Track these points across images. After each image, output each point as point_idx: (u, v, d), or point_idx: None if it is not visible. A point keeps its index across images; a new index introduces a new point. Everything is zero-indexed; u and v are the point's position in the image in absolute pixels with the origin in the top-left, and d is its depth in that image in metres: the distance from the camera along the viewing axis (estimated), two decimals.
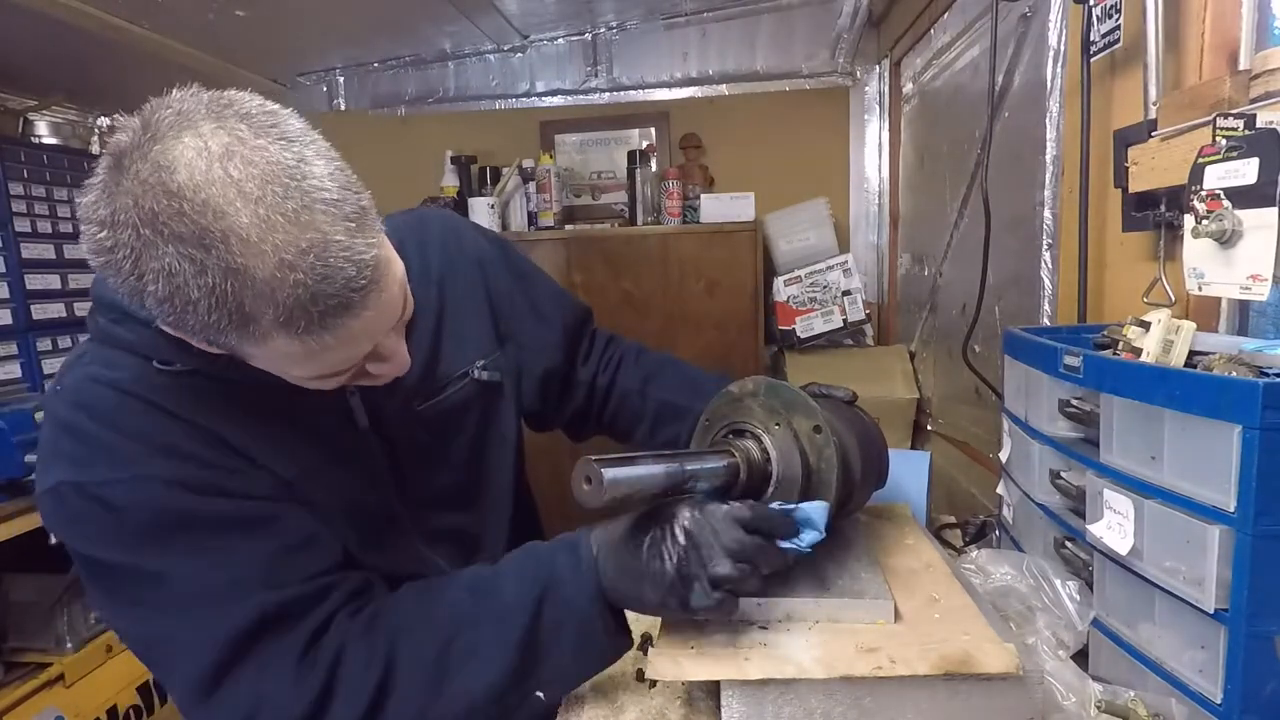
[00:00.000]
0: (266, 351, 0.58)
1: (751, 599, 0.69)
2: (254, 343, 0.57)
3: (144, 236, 0.52)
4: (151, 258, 0.52)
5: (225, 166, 0.53)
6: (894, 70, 2.29)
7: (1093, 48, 1.00)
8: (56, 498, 0.65)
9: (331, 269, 0.55)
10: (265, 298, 0.53)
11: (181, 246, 0.52)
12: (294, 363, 0.61)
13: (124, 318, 0.69)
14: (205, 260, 0.52)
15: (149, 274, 0.53)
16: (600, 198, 2.61)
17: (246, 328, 0.55)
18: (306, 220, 0.54)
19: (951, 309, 1.82)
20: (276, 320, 0.55)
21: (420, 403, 0.82)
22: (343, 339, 0.59)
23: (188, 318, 0.54)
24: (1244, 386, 0.53)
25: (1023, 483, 0.87)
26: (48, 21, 1.76)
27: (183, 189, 0.52)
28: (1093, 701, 0.65)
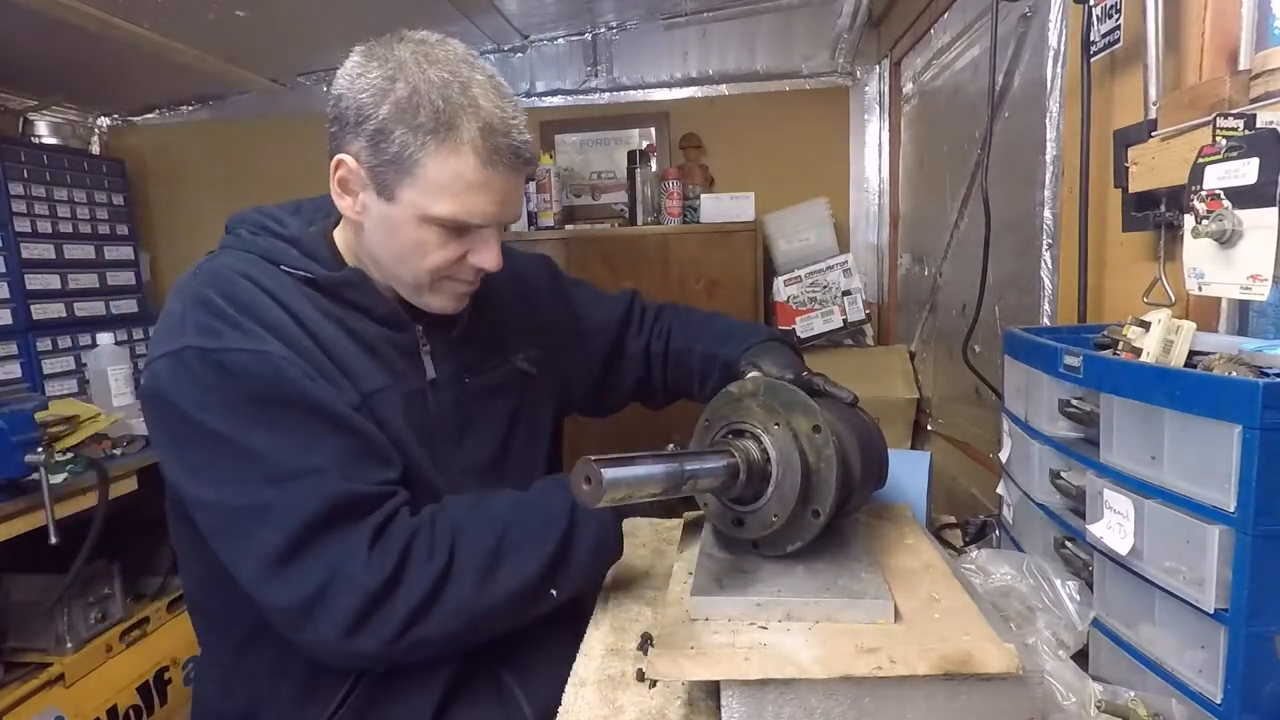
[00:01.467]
0: (448, 167, 0.76)
1: (751, 599, 0.69)
2: (447, 152, 0.76)
3: (413, 62, 0.76)
4: (409, 75, 0.76)
5: (477, 60, 0.81)
6: (894, 70, 2.29)
7: (1093, 48, 1.00)
8: (178, 360, 0.75)
9: (519, 129, 0.79)
10: (478, 116, 0.76)
11: (442, 69, 0.76)
12: (459, 186, 0.77)
13: (262, 231, 0.86)
14: (452, 80, 0.76)
15: (400, 84, 0.75)
16: (600, 198, 2.61)
17: (451, 134, 0.75)
18: (511, 101, 0.80)
19: (951, 309, 1.82)
20: (478, 133, 0.76)
21: (470, 375, 0.94)
22: (499, 185, 0.79)
23: (414, 116, 0.75)
24: (1244, 386, 0.53)
25: (1023, 483, 0.87)
26: (48, 21, 1.76)
27: (452, 50, 0.79)
28: (1093, 701, 0.65)
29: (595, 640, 0.84)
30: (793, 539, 0.74)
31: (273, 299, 0.81)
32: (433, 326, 0.91)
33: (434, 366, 0.90)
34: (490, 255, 0.84)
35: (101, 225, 2.42)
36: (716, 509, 0.78)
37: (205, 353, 0.74)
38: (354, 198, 0.82)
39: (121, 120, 2.74)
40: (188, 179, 2.76)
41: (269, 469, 0.73)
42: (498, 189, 0.79)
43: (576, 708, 0.72)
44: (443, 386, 0.91)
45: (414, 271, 0.84)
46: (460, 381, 0.93)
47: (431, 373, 0.90)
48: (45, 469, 1.44)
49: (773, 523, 0.73)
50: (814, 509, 0.73)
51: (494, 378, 0.97)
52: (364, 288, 0.86)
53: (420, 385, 0.89)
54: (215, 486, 0.75)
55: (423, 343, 0.90)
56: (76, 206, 2.33)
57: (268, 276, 0.82)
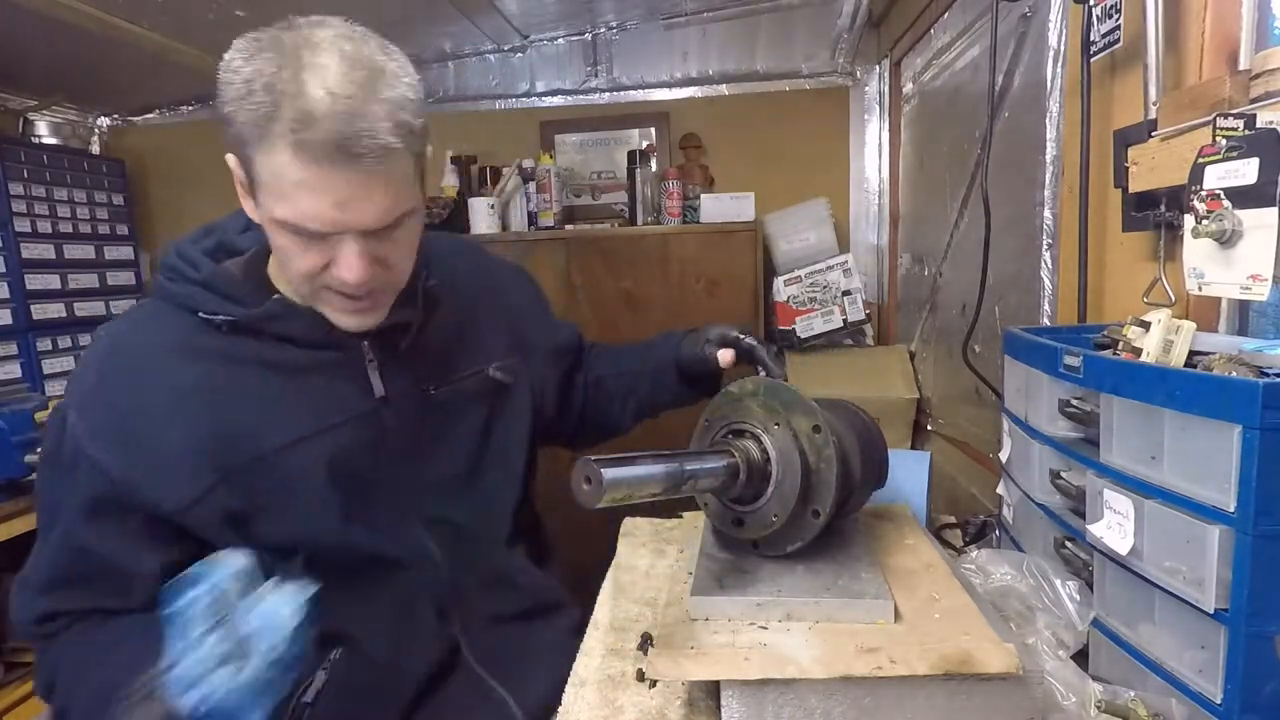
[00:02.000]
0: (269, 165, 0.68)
1: (751, 599, 0.69)
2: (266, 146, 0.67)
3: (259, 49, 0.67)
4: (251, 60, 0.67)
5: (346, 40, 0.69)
6: (894, 70, 2.29)
7: (1093, 48, 1.00)
8: (56, 413, 0.79)
9: (359, 113, 0.66)
10: (297, 105, 0.65)
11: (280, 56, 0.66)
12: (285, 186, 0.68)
13: (176, 277, 0.81)
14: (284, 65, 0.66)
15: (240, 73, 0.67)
16: (600, 198, 2.61)
17: (269, 126, 0.66)
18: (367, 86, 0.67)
19: (951, 309, 1.82)
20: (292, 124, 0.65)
21: (435, 386, 0.89)
22: (331, 184, 0.67)
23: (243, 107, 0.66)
24: (1244, 386, 0.53)
25: (1023, 483, 0.87)
26: (48, 21, 1.76)
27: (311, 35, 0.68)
28: (1093, 701, 0.65)
29: (595, 640, 0.84)
30: (793, 539, 0.74)
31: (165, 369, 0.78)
32: (380, 340, 0.84)
33: (383, 383, 0.84)
34: (347, 267, 0.71)
35: (101, 225, 2.42)
36: (716, 509, 0.78)
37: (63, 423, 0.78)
38: (251, 199, 0.74)
39: (121, 120, 2.74)
40: (188, 179, 2.75)
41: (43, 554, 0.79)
42: (329, 189, 0.67)
43: (576, 708, 0.72)
44: (399, 401, 0.86)
45: (293, 281, 0.77)
46: (423, 393, 0.88)
47: (380, 390, 0.84)
48: None
49: (773, 523, 0.73)
50: (814, 509, 0.73)
51: (465, 387, 0.92)
52: (288, 316, 0.80)
53: (366, 406, 0.84)
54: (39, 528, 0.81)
55: (369, 357, 0.84)
56: (76, 206, 2.33)
57: (181, 329, 0.79)
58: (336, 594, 0.83)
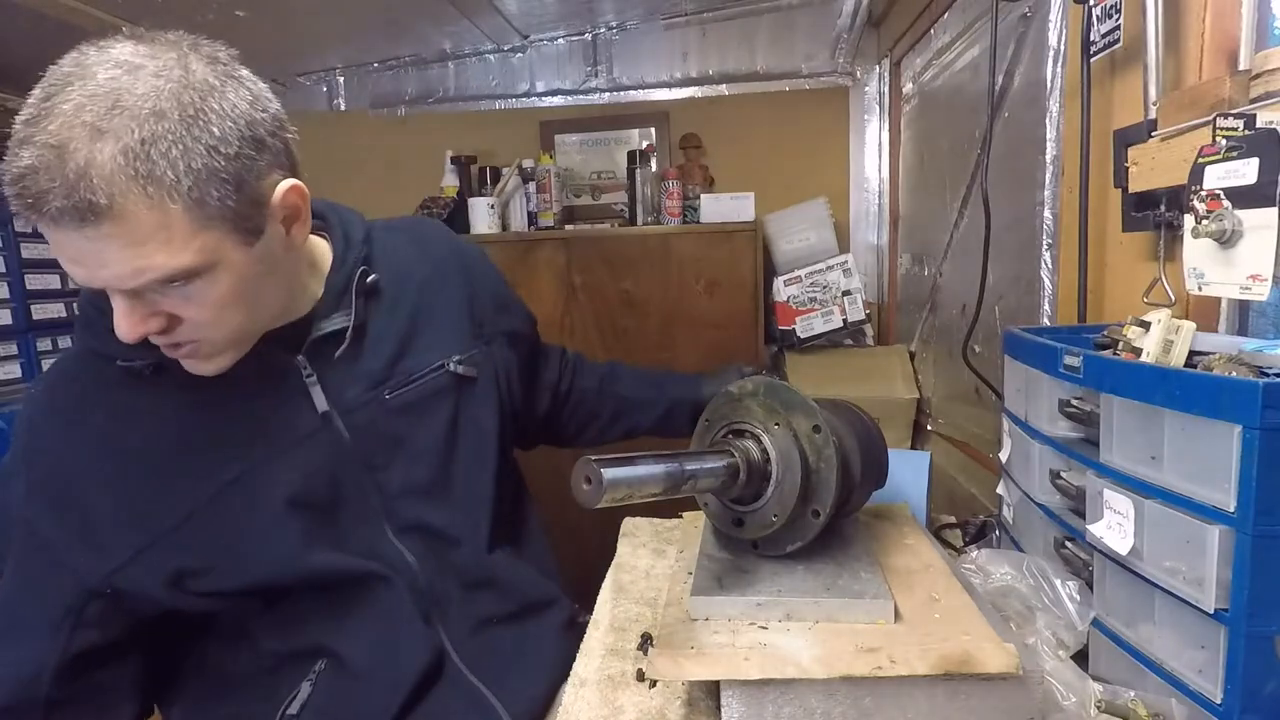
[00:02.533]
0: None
1: (751, 599, 0.69)
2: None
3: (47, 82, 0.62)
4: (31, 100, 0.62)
5: (127, 57, 0.65)
6: (894, 70, 2.29)
7: (1093, 48, 1.00)
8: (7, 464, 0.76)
9: (52, 165, 0.58)
10: (18, 154, 0.59)
11: (38, 99, 0.62)
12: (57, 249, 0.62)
13: (91, 327, 0.76)
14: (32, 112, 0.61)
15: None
16: (600, 198, 2.61)
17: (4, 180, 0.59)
18: (91, 128, 0.59)
19: (951, 309, 1.82)
20: (10, 181, 0.59)
21: (390, 391, 0.85)
22: (60, 241, 0.61)
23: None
24: (1244, 386, 0.53)
25: (1023, 483, 0.87)
26: (48, 21, 1.76)
27: (68, 70, 0.64)
28: (1093, 701, 0.65)
29: (595, 640, 0.84)
30: (793, 539, 0.74)
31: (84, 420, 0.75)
32: (316, 352, 0.81)
33: (325, 396, 0.80)
34: (123, 325, 0.65)
35: None
36: (716, 509, 0.78)
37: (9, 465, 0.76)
38: None
39: None
40: None
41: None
42: (63, 246, 0.62)
43: (576, 708, 0.72)
44: (350, 411, 0.82)
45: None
46: (378, 399, 0.84)
47: (323, 404, 0.80)
48: None
49: (773, 523, 0.73)
50: (814, 509, 0.73)
51: (424, 387, 0.87)
52: None
53: (314, 423, 0.80)
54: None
55: (306, 373, 0.80)
56: None
57: (98, 378, 0.75)
58: (314, 610, 0.82)
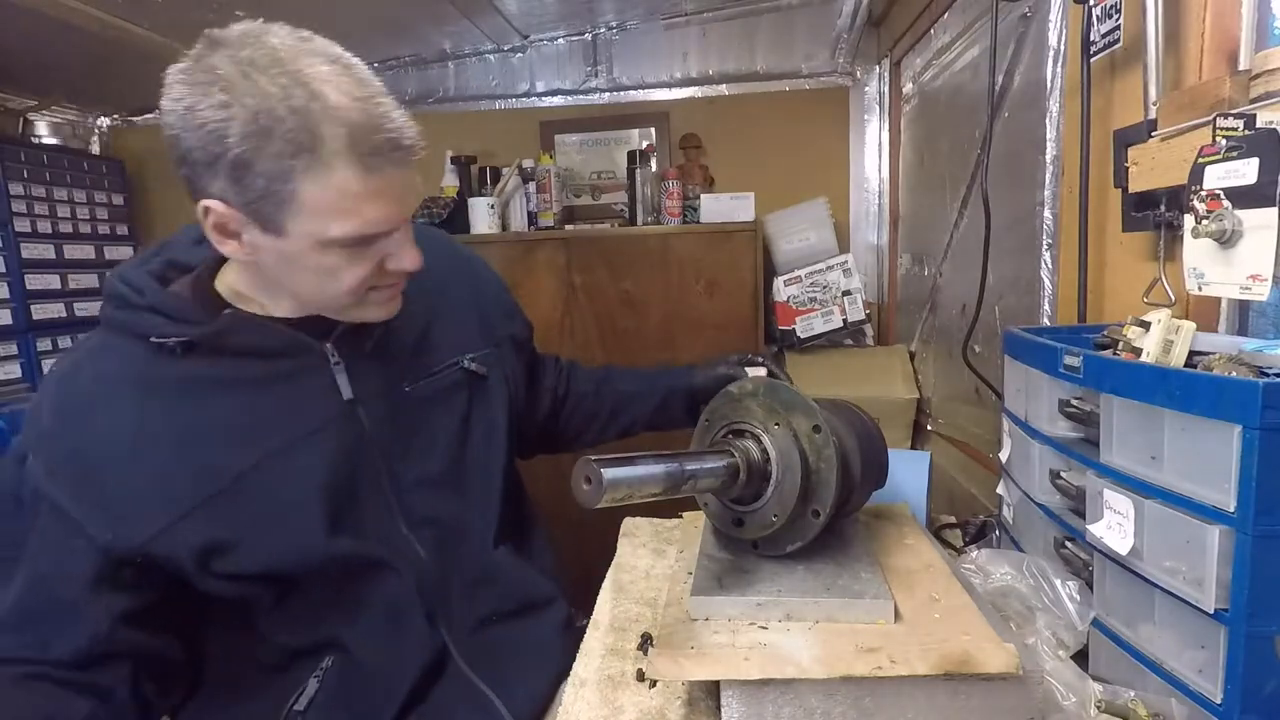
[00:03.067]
0: (326, 187, 0.67)
1: (751, 599, 0.69)
2: (320, 171, 0.66)
3: (238, 76, 0.64)
4: (244, 92, 0.64)
5: (308, 43, 0.68)
6: (894, 70, 2.29)
7: (1093, 48, 1.00)
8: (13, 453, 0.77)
9: (389, 113, 0.68)
10: (337, 119, 0.65)
11: (274, 76, 0.64)
12: (346, 203, 0.68)
13: (122, 305, 0.78)
14: (291, 85, 0.64)
15: (239, 108, 0.64)
16: (600, 198, 2.61)
17: (317, 151, 0.65)
18: (366, 82, 0.69)
19: (951, 309, 1.82)
20: (346, 140, 0.66)
21: (409, 383, 0.88)
22: (390, 185, 0.70)
23: (269, 141, 0.64)
24: (1244, 386, 0.53)
25: (1023, 483, 0.87)
26: (48, 21, 1.76)
27: (276, 47, 0.66)
28: (1093, 701, 0.65)
29: (595, 640, 0.84)
30: (793, 539, 0.74)
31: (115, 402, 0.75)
32: (344, 341, 0.83)
33: (350, 384, 0.83)
34: (409, 256, 0.76)
35: (101, 225, 2.42)
36: (716, 509, 0.78)
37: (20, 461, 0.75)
38: (237, 240, 0.72)
39: (121, 120, 2.74)
40: None
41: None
42: (390, 190, 0.70)
43: (576, 708, 0.72)
44: (373, 401, 0.84)
45: (334, 297, 0.76)
46: (397, 391, 0.87)
47: (348, 392, 0.82)
48: None
49: (773, 523, 0.73)
50: (814, 509, 0.73)
51: (440, 381, 0.90)
52: (245, 330, 0.78)
53: (340, 409, 0.82)
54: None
55: (334, 360, 0.82)
56: (76, 206, 2.33)
57: (133, 358, 0.76)
58: (325, 603, 0.83)
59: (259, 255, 0.73)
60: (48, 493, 0.73)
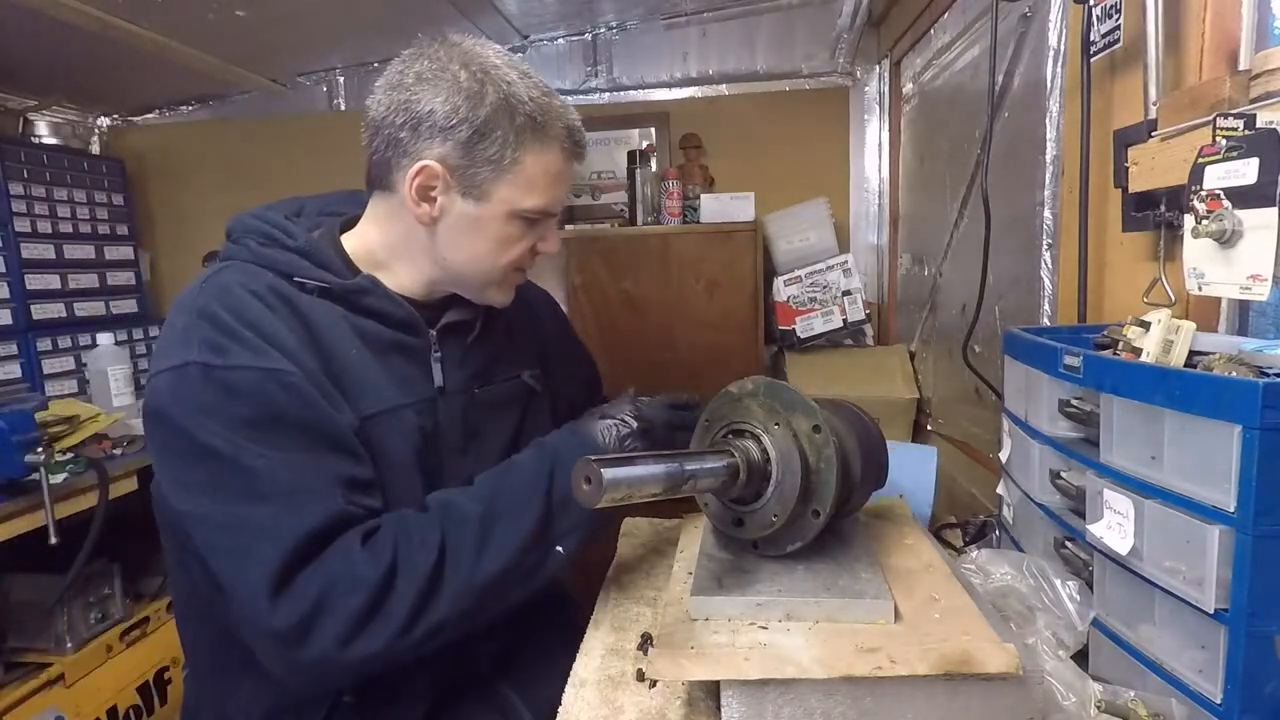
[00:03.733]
0: (541, 162, 0.83)
1: (751, 599, 0.69)
2: (544, 147, 0.83)
3: (491, 66, 0.81)
4: (498, 78, 0.80)
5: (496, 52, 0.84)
6: (894, 70, 2.29)
7: (1093, 48, 1.00)
8: (180, 375, 0.73)
9: (581, 125, 0.87)
10: (558, 115, 0.84)
11: (523, 73, 0.83)
12: (548, 179, 0.84)
13: (270, 243, 0.85)
14: (533, 85, 0.83)
15: (490, 87, 0.80)
16: (600, 198, 2.61)
17: (543, 131, 0.82)
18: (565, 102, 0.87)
19: (951, 309, 1.82)
20: (564, 131, 0.84)
21: (479, 385, 0.95)
22: (569, 175, 0.87)
23: (513, 116, 0.80)
24: (1244, 386, 0.53)
25: (1023, 483, 0.87)
26: (48, 21, 1.76)
27: (503, 59, 0.83)
28: (1093, 701, 0.65)
29: (595, 640, 0.84)
30: (793, 539, 0.74)
31: (284, 312, 0.80)
32: (446, 334, 0.92)
33: (443, 374, 0.91)
34: (555, 240, 0.91)
35: (101, 225, 2.41)
36: (716, 509, 0.78)
37: (209, 369, 0.73)
38: (431, 204, 0.82)
39: (121, 120, 2.74)
40: (188, 179, 2.75)
41: (266, 488, 0.72)
42: (567, 179, 0.88)
43: (576, 708, 0.72)
44: (451, 395, 0.91)
45: (492, 267, 0.87)
46: (470, 391, 0.93)
47: (440, 380, 0.90)
48: (45, 469, 1.44)
49: (773, 523, 0.73)
50: (814, 509, 0.73)
51: (502, 390, 0.98)
52: (379, 293, 0.86)
53: (430, 393, 0.89)
54: (213, 503, 0.72)
55: (435, 350, 0.90)
56: (76, 206, 2.33)
57: (278, 290, 0.81)
58: None
59: (443, 219, 0.84)
60: (262, 365, 0.74)
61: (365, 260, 0.89)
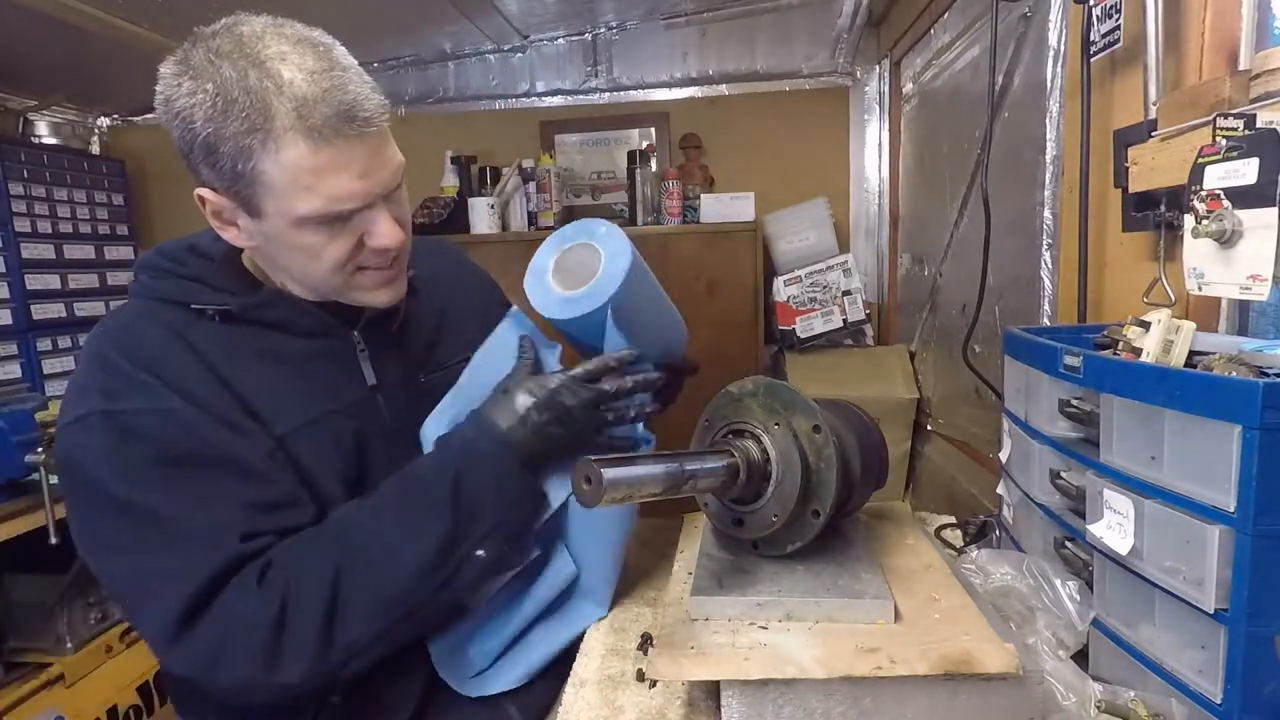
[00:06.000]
0: (282, 164, 0.68)
1: (751, 599, 0.69)
2: (274, 146, 0.67)
3: (205, 64, 0.67)
4: (207, 77, 0.67)
5: (279, 29, 0.71)
6: (894, 70, 2.29)
7: (1093, 48, 1.00)
8: (84, 425, 0.71)
9: (345, 85, 0.69)
10: (286, 95, 0.67)
11: (234, 62, 0.67)
12: (307, 178, 0.69)
13: (163, 274, 0.81)
14: (247, 67, 0.67)
15: (201, 94, 0.67)
16: (600, 198, 2.61)
17: (269, 127, 0.67)
18: (328, 57, 0.70)
19: (951, 309, 1.82)
20: (294, 115, 0.67)
21: (424, 375, 0.92)
22: (349, 158, 0.70)
23: (227, 122, 0.67)
24: (1244, 386, 0.53)
25: (1023, 483, 0.87)
26: (48, 21, 1.76)
27: (243, 34, 0.69)
28: (1093, 701, 0.65)
29: (595, 640, 0.84)
30: (793, 539, 0.74)
31: (178, 347, 0.76)
32: (370, 329, 0.87)
33: (373, 371, 0.86)
34: (384, 232, 0.76)
35: (101, 225, 2.42)
36: (716, 509, 0.78)
37: (108, 415, 0.71)
38: (234, 227, 0.76)
39: (121, 120, 2.74)
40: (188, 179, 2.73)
41: (168, 533, 0.70)
42: (350, 162, 0.70)
43: (576, 708, 0.72)
44: (391, 389, 0.88)
45: (322, 277, 0.78)
46: (413, 381, 0.90)
47: (371, 378, 0.86)
48: (45, 469, 1.44)
49: (773, 523, 0.73)
50: (814, 509, 0.73)
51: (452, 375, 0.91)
52: (282, 305, 0.81)
53: (362, 394, 0.85)
54: (118, 554, 0.72)
55: (360, 347, 0.86)
56: (76, 206, 2.33)
57: (175, 322, 0.78)
58: None
59: (256, 240, 0.76)
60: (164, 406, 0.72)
61: (264, 276, 0.84)
